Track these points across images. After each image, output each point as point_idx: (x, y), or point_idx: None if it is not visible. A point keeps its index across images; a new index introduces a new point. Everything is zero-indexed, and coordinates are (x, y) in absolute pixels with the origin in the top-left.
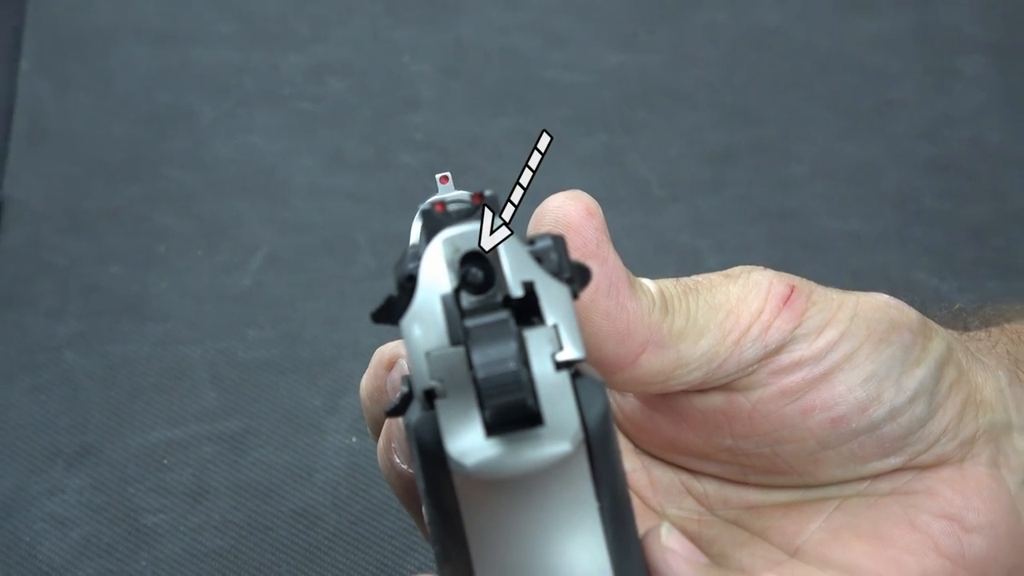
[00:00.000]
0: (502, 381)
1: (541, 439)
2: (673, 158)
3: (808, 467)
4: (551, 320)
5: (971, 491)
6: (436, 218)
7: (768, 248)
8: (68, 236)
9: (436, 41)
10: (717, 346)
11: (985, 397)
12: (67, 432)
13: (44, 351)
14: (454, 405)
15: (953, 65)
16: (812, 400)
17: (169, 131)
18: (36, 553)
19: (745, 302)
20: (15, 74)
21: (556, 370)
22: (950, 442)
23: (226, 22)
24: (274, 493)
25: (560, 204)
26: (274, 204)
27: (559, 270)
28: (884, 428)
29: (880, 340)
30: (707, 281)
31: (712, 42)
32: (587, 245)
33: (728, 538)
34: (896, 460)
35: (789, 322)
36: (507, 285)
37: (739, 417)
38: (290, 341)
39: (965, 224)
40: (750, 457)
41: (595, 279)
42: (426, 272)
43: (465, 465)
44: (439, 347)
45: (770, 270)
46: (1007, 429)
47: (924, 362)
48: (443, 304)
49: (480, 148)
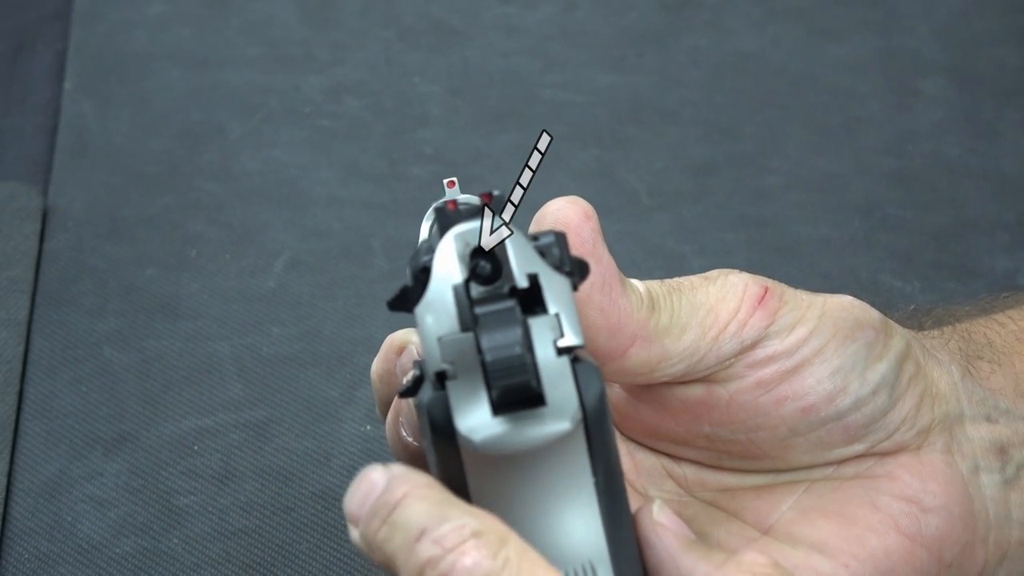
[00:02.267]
0: (509, 364)
1: (543, 418)
2: (660, 170)
3: (780, 452)
4: (553, 309)
5: (927, 475)
6: (448, 215)
7: (746, 252)
8: (108, 241)
9: (444, 64)
10: (698, 341)
11: (940, 390)
12: (106, 421)
13: (85, 346)
14: (463, 386)
15: (915, 86)
16: (784, 391)
17: (201, 146)
18: (77, 531)
19: (723, 302)
20: (60, 94)
21: (557, 355)
22: (908, 431)
23: (253, 47)
24: (295, 477)
25: (560, 207)
26: (296, 212)
27: (561, 263)
28: (849, 417)
29: (846, 337)
30: (689, 283)
31: (695, 65)
32: (584, 245)
33: (706, 517)
34: (860, 447)
35: (763, 320)
36: (513, 276)
37: (717, 407)
38: (310, 337)
39: (926, 231)
40: (726, 443)
41: (590, 277)
42: (439, 264)
43: (473, 441)
44: (450, 333)
45: (745, 273)
46: (960, 419)
47: (885, 357)
48: (455, 294)
49: (484, 161)
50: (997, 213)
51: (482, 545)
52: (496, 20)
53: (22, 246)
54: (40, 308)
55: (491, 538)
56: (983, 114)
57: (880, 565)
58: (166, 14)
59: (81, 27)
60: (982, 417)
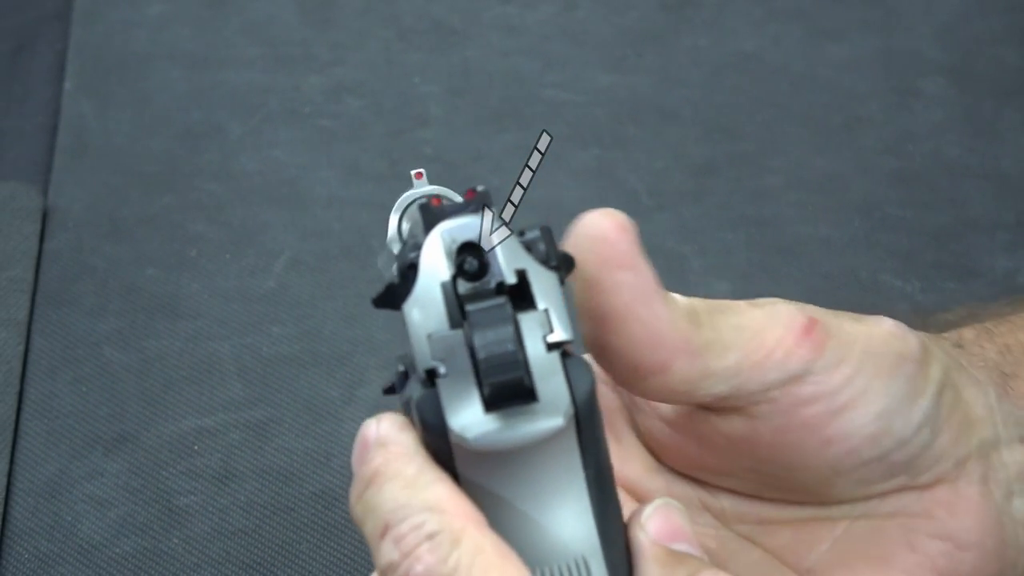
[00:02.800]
0: (501, 361)
1: (536, 414)
2: (660, 170)
3: (820, 488)
4: (542, 305)
5: (963, 511)
6: (433, 212)
7: (746, 252)
8: (108, 241)
9: (444, 64)
10: (742, 362)
11: (976, 414)
12: (106, 420)
13: (85, 346)
14: (454, 383)
15: (915, 86)
16: (829, 433)
17: (201, 146)
18: (77, 531)
19: (769, 328)
20: (60, 94)
21: (547, 351)
22: (947, 462)
23: (253, 47)
24: (295, 477)
25: (595, 220)
26: (296, 212)
27: (547, 258)
28: (892, 456)
29: (888, 375)
30: (734, 305)
31: (695, 65)
32: (623, 256)
33: (744, 558)
34: (899, 480)
35: (810, 352)
36: (501, 272)
37: (761, 443)
38: (310, 337)
39: (926, 230)
40: (766, 477)
41: (631, 289)
42: (426, 261)
43: (466, 438)
44: (439, 330)
45: (793, 303)
46: (995, 445)
47: (926, 392)
48: (443, 290)
49: (484, 161)
50: (997, 213)
51: (435, 548)
52: (496, 20)
53: (22, 246)
54: (40, 308)
55: (444, 539)
56: (983, 114)
57: None
58: (166, 14)
59: (81, 27)
60: (1016, 439)
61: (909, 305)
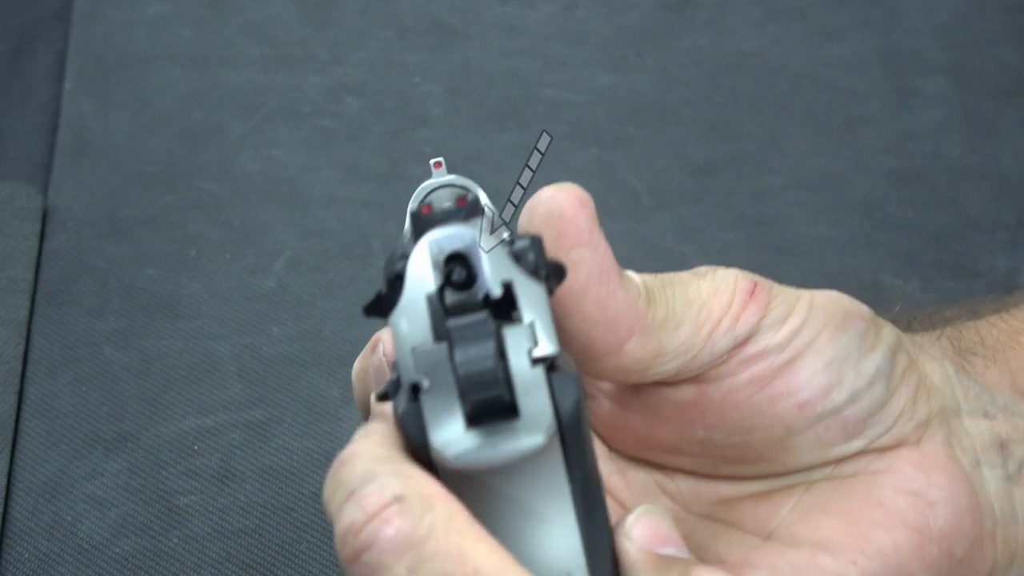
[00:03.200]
0: (481, 378)
1: (517, 431)
2: (660, 170)
3: (777, 453)
4: (528, 318)
5: (930, 467)
6: (423, 220)
7: (746, 252)
8: (108, 241)
9: (444, 64)
10: (693, 336)
11: (934, 383)
12: (106, 420)
13: (85, 346)
14: (437, 398)
15: (915, 85)
16: (779, 387)
17: (201, 146)
18: (77, 531)
19: (715, 296)
20: (60, 93)
21: (532, 365)
22: (907, 423)
23: (253, 47)
24: (295, 476)
25: (552, 195)
26: (296, 212)
27: (536, 269)
28: (846, 411)
29: (837, 327)
30: (679, 278)
31: (695, 65)
32: (580, 233)
33: (704, 531)
34: (859, 443)
35: (755, 314)
36: (487, 284)
37: (710, 407)
38: (310, 337)
39: (926, 230)
40: (721, 447)
41: (587, 266)
42: (412, 271)
43: (446, 456)
44: (423, 343)
45: (734, 268)
46: (957, 413)
47: (879, 347)
48: (428, 303)
49: (484, 161)
50: (997, 212)
51: (406, 511)
52: (496, 20)
53: (22, 246)
54: (40, 308)
55: (414, 503)
56: (983, 114)
57: (890, 561)
58: (166, 14)
59: (81, 27)
60: (979, 412)
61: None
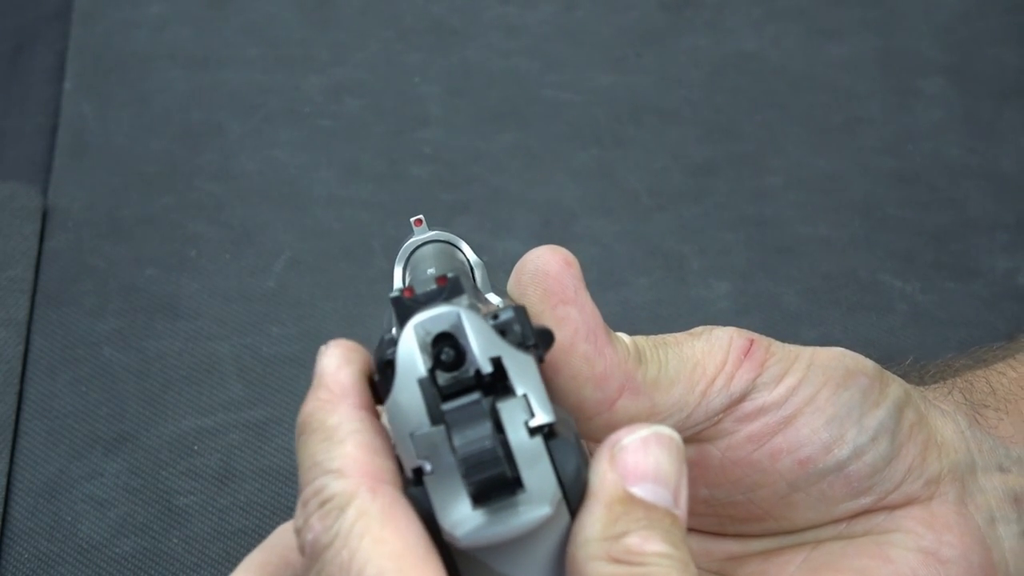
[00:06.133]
0: (481, 459)
1: (523, 504)
2: (659, 170)
3: (782, 510)
4: (520, 390)
5: (941, 527)
6: (406, 304)
7: (746, 252)
8: (108, 241)
9: (444, 64)
10: (687, 395)
11: (946, 438)
12: (106, 420)
13: (85, 346)
14: (442, 480)
15: (914, 85)
16: (778, 444)
17: (201, 146)
18: (77, 531)
19: (710, 355)
20: (60, 93)
21: (530, 436)
22: (916, 481)
23: (253, 47)
24: (294, 477)
25: (539, 255)
26: (296, 212)
27: (523, 339)
28: (850, 467)
29: (838, 385)
30: (674, 338)
31: (695, 65)
32: (566, 291)
33: None
34: (866, 500)
35: (750, 372)
36: (476, 361)
37: (711, 466)
38: (310, 337)
39: (926, 230)
40: (726, 506)
41: (574, 324)
42: (402, 358)
43: (457, 537)
44: (420, 426)
45: (731, 327)
46: (971, 469)
47: (883, 404)
48: (420, 386)
49: (484, 161)
50: (997, 213)
51: (324, 515)
52: (496, 20)
53: (22, 246)
54: (40, 308)
55: (333, 506)
56: (983, 114)
57: None
58: (166, 14)
59: (81, 27)
60: (994, 467)
61: (908, 305)
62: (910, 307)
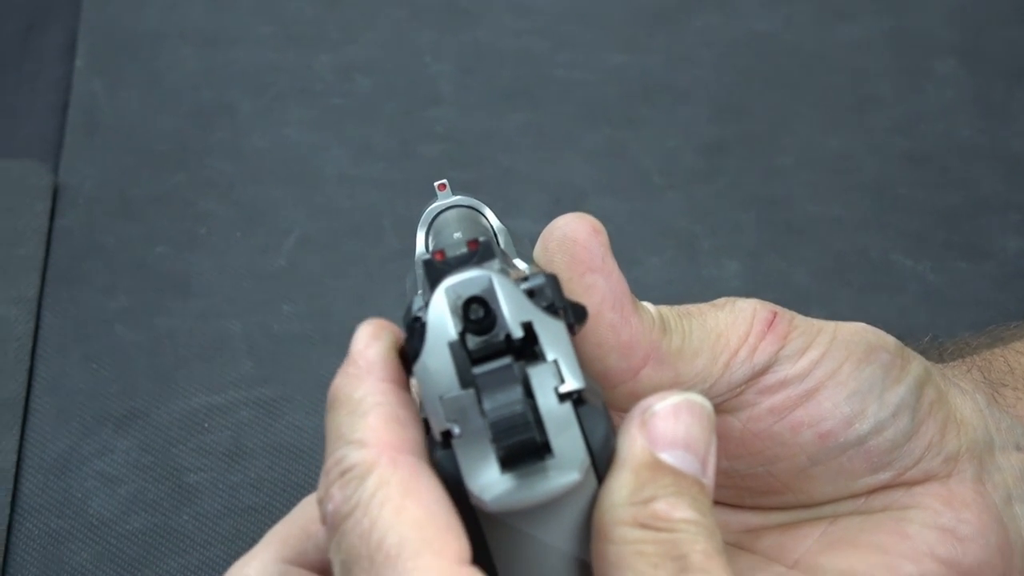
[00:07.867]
0: (512, 423)
1: (553, 470)
2: (671, 150)
3: (801, 484)
4: (551, 356)
5: (959, 504)
6: (437, 268)
7: (757, 232)
8: (119, 219)
9: (455, 43)
10: (710, 366)
11: (965, 416)
12: (116, 398)
13: (96, 324)
14: (470, 444)
15: (926, 66)
16: (800, 417)
17: (212, 124)
18: (88, 508)
19: (733, 327)
20: (71, 72)
21: (560, 402)
22: (935, 458)
23: (264, 25)
24: (305, 454)
25: (567, 222)
26: (307, 191)
27: (552, 305)
28: (870, 442)
29: (860, 360)
30: (698, 309)
31: (707, 45)
32: (593, 259)
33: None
34: (885, 475)
35: (773, 344)
36: (507, 325)
37: (731, 438)
38: (321, 316)
39: (937, 210)
40: (745, 478)
41: (600, 292)
42: (433, 320)
43: (485, 500)
44: (450, 390)
45: (753, 299)
46: (989, 448)
47: (904, 380)
48: (451, 349)
49: (495, 140)
50: (1008, 193)
51: (344, 485)
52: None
53: (33, 224)
54: (51, 286)
55: (353, 476)
56: (994, 94)
57: None
58: None
59: (92, 5)
60: (1012, 445)
61: (920, 285)
62: (921, 287)
